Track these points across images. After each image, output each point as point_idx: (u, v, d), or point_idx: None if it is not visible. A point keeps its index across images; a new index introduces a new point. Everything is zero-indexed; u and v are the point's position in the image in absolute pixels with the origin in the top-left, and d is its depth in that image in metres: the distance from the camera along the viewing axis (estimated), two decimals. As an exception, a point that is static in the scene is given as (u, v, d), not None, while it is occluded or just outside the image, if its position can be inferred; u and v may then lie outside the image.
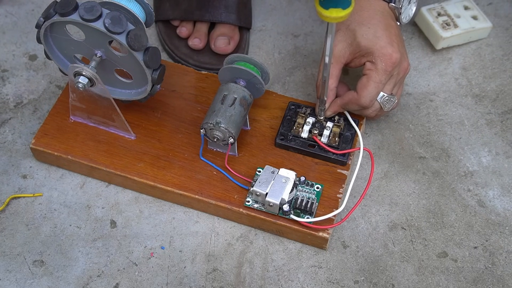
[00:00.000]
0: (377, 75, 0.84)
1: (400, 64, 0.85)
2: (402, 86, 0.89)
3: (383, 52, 0.83)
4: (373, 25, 0.84)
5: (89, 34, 0.81)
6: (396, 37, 0.85)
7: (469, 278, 0.83)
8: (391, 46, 0.83)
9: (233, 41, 0.99)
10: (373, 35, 0.84)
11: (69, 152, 0.88)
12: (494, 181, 0.90)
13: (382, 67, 0.83)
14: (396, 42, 0.84)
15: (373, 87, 0.84)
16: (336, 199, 0.85)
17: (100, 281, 0.83)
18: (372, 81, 0.84)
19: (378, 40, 0.84)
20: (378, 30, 0.84)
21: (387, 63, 0.83)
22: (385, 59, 0.83)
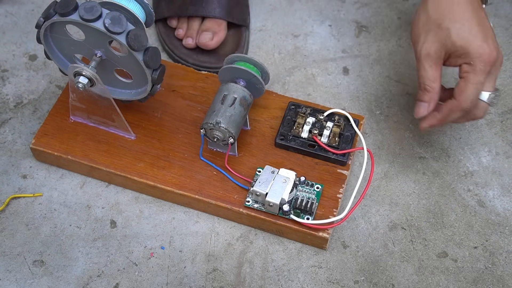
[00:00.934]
0: (476, 77, 0.80)
1: (498, 60, 0.81)
2: None
3: (480, 52, 0.79)
4: (466, 21, 0.80)
5: (89, 34, 0.81)
6: (489, 30, 0.81)
7: (469, 278, 0.83)
8: (487, 44, 0.80)
9: (216, 37, 0.98)
10: (468, 33, 0.80)
11: (69, 152, 0.88)
12: (494, 181, 0.90)
13: (481, 68, 0.80)
14: (490, 36, 0.80)
15: (473, 89, 0.80)
16: (336, 199, 0.85)
17: (100, 281, 0.83)
18: (471, 83, 0.80)
19: (474, 39, 0.80)
20: (473, 26, 0.80)
21: (485, 63, 0.80)
22: (483, 59, 0.79)
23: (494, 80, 0.83)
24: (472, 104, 0.82)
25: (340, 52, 1.02)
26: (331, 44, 1.03)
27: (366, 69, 1.01)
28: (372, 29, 1.05)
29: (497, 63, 0.81)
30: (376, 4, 1.07)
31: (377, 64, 1.01)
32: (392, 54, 1.02)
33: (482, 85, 0.81)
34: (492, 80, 0.82)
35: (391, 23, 1.05)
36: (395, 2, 1.07)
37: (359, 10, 1.07)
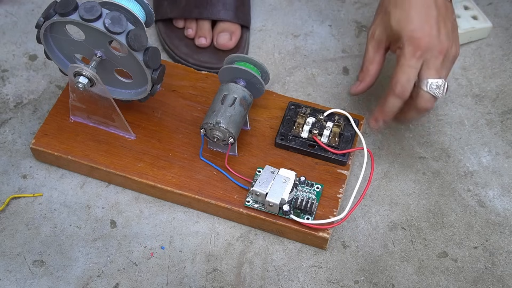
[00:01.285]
0: (405, 60, 0.80)
1: (435, 47, 0.80)
2: (449, 71, 0.83)
3: (410, 35, 0.79)
4: (408, 6, 0.80)
5: (89, 34, 0.81)
6: (435, 18, 0.80)
7: (469, 278, 0.83)
8: (422, 29, 0.79)
9: (234, 37, 0.99)
10: (405, 18, 0.80)
11: (69, 152, 0.88)
12: (494, 181, 0.90)
13: (410, 51, 0.79)
14: (433, 23, 0.80)
15: (401, 73, 0.80)
16: (336, 199, 0.85)
17: (100, 281, 0.83)
18: (399, 67, 0.80)
19: (407, 24, 0.80)
20: (412, 11, 0.80)
21: (415, 47, 0.79)
22: (412, 42, 0.79)
23: (438, 69, 0.81)
24: (404, 89, 0.81)
25: (340, 52, 1.02)
26: (331, 44, 1.03)
27: (366, 69, 1.01)
28: (372, 29, 1.05)
29: (431, 47, 0.80)
30: (376, 4, 1.07)
31: (377, 64, 1.01)
32: (392, 54, 1.02)
33: (413, 70, 0.81)
34: (432, 67, 0.81)
35: (391, 23, 1.05)
36: (395, 2, 1.07)
37: (359, 10, 1.07)
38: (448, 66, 0.83)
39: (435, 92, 0.81)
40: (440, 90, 0.81)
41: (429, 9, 0.80)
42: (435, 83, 0.81)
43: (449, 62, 0.82)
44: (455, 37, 0.82)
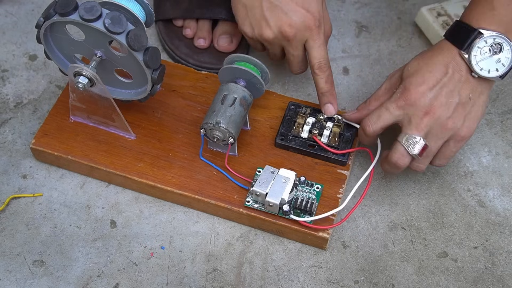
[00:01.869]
0: (387, 102, 0.81)
1: (421, 106, 0.79)
2: (439, 143, 0.81)
3: (406, 86, 0.80)
4: (425, 63, 0.80)
5: (89, 34, 0.81)
6: (440, 84, 0.79)
7: (469, 278, 0.83)
8: (418, 85, 0.79)
9: (235, 39, 0.99)
10: (414, 70, 0.80)
11: (69, 152, 0.88)
12: (494, 181, 0.90)
13: (395, 96, 0.80)
14: (433, 85, 0.79)
15: (378, 109, 0.82)
16: (336, 199, 0.85)
17: (100, 281, 0.83)
18: (381, 105, 0.82)
19: (412, 75, 0.80)
20: (424, 68, 0.80)
21: (401, 95, 0.80)
22: (402, 91, 0.80)
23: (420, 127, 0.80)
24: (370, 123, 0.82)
25: (340, 52, 1.02)
26: (331, 44, 1.03)
27: (366, 69, 1.01)
28: (372, 29, 1.05)
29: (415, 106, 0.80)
30: (376, 4, 1.07)
31: (377, 64, 1.01)
32: (392, 54, 1.02)
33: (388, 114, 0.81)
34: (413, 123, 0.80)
35: (391, 23, 1.05)
36: (395, 2, 1.07)
37: (359, 10, 1.07)
38: (439, 137, 0.80)
39: (409, 147, 0.80)
40: (416, 148, 0.80)
41: (437, 73, 0.80)
42: (412, 138, 0.80)
43: (443, 134, 0.80)
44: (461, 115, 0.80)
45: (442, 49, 0.81)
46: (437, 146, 0.81)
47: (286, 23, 0.84)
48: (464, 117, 0.80)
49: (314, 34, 0.85)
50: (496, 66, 0.80)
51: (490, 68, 0.79)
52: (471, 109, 0.81)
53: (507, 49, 0.79)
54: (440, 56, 0.80)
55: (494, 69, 0.80)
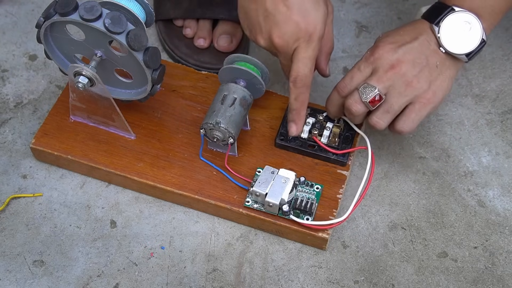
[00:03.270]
0: (359, 62, 0.83)
1: (388, 60, 0.81)
2: (401, 100, 0.81)
3: (377, 44, 0.83)
4: (396, 30, 0.83)
5: (89, 34, 0.81)
6: (407, 46, 0.81)
7: (469, 278, 0.83)
8: (386, 43, 0.82)
9: (235, 39, 0.99)
10: (387, 35, 0.83)
11: (69, 152, 0.88)
12: (494, 181, 0.90)
13: (366, 55, 0.83)
14: (399, 44, 0.81)
15: (350, 71, 0.84)
16: (335, 199, 0.85)
17: (100, 281, 0.83)
18: (353, 67, 0.84)
19: (384, 37, 0.83)
20: (395, 33, 0.83)
21: (370, 53, 0.82)
22: (372, 49, 0.82)
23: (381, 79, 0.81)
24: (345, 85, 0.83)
25: (340, 52, 1.02)
26: (331, 44, 1.03)
27: (366, 69, 1.01)
28: (372, 29, 1.05)
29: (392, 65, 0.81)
30: (376, 4, 1.07)
31: (377, 64, 1.01)
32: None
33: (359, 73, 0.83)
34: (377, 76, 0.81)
35: (391, 23, 1.05)
36: (395, 2, 1.07)
37: (359, 10, 1.07)
38: (402, 94, 0.80)
39: (363, 94, 0.80)
40: (368, 96, 0.80)
41: (406, 36, 0.82)
42: (369, 87, 0.80)
43: (405, 91, 0.80)
44: (427, 78, 0.81)
45: (416, 23, 0.83)
46: (399, 103, 0.81)
47: (276, 33, 0.81)
48: (430, 81, 0.81)
49: (301, 47, 0.82)
50: (464, 44, 0.81)
51: (457, 45, 0.81)
52: (438, 77, 0.81)
53: (476, 29, 0.80)
54: (412, 27, 0.83)
55: (461, 46, 0.81)
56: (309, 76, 0.82)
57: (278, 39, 0.81)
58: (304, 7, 0.81)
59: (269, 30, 0.82)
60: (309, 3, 0.81)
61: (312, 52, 0.82)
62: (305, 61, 0.81)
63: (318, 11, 0.81)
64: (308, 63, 0.82)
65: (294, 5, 0.80)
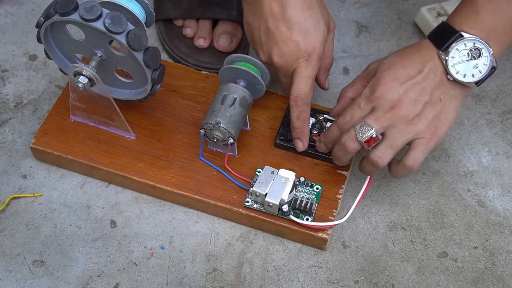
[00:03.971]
0: (358, 98, 0.80)
1: (389, 101, 0.77)
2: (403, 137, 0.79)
3: (377, 79, 0.79)
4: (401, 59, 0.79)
5: (89, 34, 0.81)
6: (412, 80, 0.78)
7: (469, 278, 0.83)
8: (389, 79, 0.78)
9: (235, 39, 0.99)
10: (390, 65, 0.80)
11: (69, 151, 0.88)
12: (494, 181, 0.90)
13: (366, 92, 0.79)
14: (405, 81, 0.78)
15: (350, 107, 0.81)
16: (335, 199, 0.85)
17: (100, 281, 0.83)
18: (353, 102, 0.81)
19: (386, 69, 0.79)
20: (399, 64, 0.79)
21: (371, 90, 0.79)
22: (374, 87, 0.79)
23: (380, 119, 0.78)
24: (345, 122, 0.81)
25: (340, 52, 1.02)
26: (331, 44, 1.03)
27: (366, 69, 1.01)
28: (372, 29, 1.05)
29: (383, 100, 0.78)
30: (376, 4, 1.07)
31: (377, 64, 1.01)
32: (392, 54, 1.02)
33: (359, 111, 0.80)
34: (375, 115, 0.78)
35: (391, 23, 1.05)
36: (395, 2, 1.07)
37: (359, 10, 1.07)
38: (402, 131, 0.78)
39: (359, 132, 0.78)
40: (364, 135, 0.78)
41: (412, 70, 0.78)
42: (366, 126, 0.78)
43: (406, 128, 0.78)
44: (429, 114, 0.78)
45: (421, 48, 0.80)
46: (402, 140, 0.79)
47: (275, 52, 0.82)
48: (432, 117, 0.79)
49: (301, 67, 0.82)
50: (473, 72, 0.78)
51: (466, 73, 0.78)
52: (441, 111, 0.79)
53: (485, 56, 0.78)
54: (418, 54, 0.79)
55: (470, 74, 0.78)
56: (309, 94, 0.83)
57: (278, 58, 0.83)
58: (305, 27, 0.82)
59: (270, 48, 0.83)
60: (310, 23, 0.82)
61: (311, 71, 0.83)
62: (305, 80, 0.82)
63: (318, 31, 0.82)
64: (308, 82, 0.83)
65: (294, 25, 0.81)
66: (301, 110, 0.84)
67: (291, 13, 0.81)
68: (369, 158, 0.80)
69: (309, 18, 0.82)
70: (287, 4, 0.81)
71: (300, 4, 0.82)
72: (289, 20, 0.81)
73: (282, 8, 0.81)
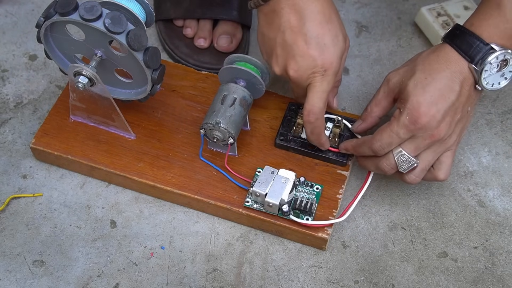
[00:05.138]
0: (396, 126, 0.77)
1: (430, 130, 0.77)
2: (435, 157, 0.80)
3: (415, 107, 0.76)
4: (433, 78, 0.77)
5: (89, 34, 0.81)
6: (448, 104, 0.77)
7: (469, 278, 0.83)
8: (427, 107, 0.76)
9: (235, 39, 0.99)
10: (423, 87, 0.77)
11: (69, 151, 0.88)
12: (494, 181, 0.91)
13: (404, 122, 0.77)
14: (440, 108, 0.76)
15: (387, 135, 0.78)
16: (335, 199, 0.85)
17: (100, 281, 0.83)
18: (390, 129, 0.78)
19: (421, 94, 0.77)
20: (433, 86, 0.76)
21: (411, 120, 0.76)
22: (412, 115, 0.76)
23: (419, 148, 0.79)
24: (381, 149, 0.80)
25: (340, 52, 1.02)
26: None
27: (366, 69, 1.01)
28: (372, 29, 1.05)
29: (423, 129, 0.77)
30: (376, 4, 1.07)
31: (377, 64, 1.01)
32: (392, 54, 1.02)
33: (398, 139, 0.78)
34: (415, 144, 0.78)
35: (391, 23, 1.05)
36: (395, 2, 1.07)
37: (359, 10, 1.07)
38: (435, 151, 0.80)
39: (401, 164, 0.80)
40: (406, 167, 0.79)
41: (448, 92, 0.77)
42: (407, 157, 0.79)
43: (438, 148, 0.80)
44: (458, 128, 0.80)
45: (450, 61, 0.78)
46: (434, 159, 0.81)
47: (291, 66, 0.81)
48: (460, 130, 0.80)
49: (317, 81, 0.81)
50: (499, 80, 0.79)
51: (494, 82, 0.79)
52: (466, 121, 0.81)
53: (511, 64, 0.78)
54: (448, 70, 0.77)
55: (497, 83, 0.79)
56: (323, 109, 0.82)
57: (293, 72, 0.81)
58: (322, 42, 0.80)
59: (285, 61, 0.81)
60: (328, 38, 0.80)
61: (327, 86, 0.81)
62: (319, 95, 0.81)
63: (336, 46, 0.81)
64: (323, 97, 0.82)
65: (312, 39, 0.80)
66: (314, 126, 0.83)
67: (309, 26, 0.80)
68: (403, 178, 0.81)
69: (327, 32, 0.80)
70: (306, 17, 0.80)
71: (319, 18, 0.80)
72: (307, 34, 0.80)
73: (300, 21, 0.80)
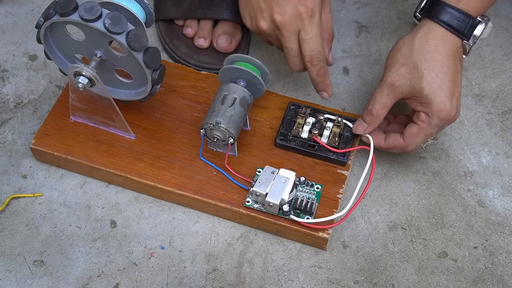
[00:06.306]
0: (429, 129, 0.82)
1: (452, 119, 0.83)
2: None
3: (442, 108, 0.81)
4: (442, 73, 0.81)
5: (89, 34, 0.81)
6: (458, 88, 0.82)
7: (469, 278, 0.84)
8: (450, 102, 0.81)
9: (234, 40, 0.99)
10: (439, 85, 0.81)
11: (69, 152, 0.88)
12: (494, 181, 0.91)
13: (436, 123, 0.82)
14: (456, 95, 0.82)
15: (422, 138, 0.83)
16: (336, 199, 0.85)
17: (100, 281, 0.83)
18: (423, 133, 0.83)
19: (441, 94, 0.81)
20: (445, 81, 0.81)
21: (442, 120, 0.82)
22: (441, 115, 0.81)
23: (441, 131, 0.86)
24: (415, 149, 0.85)
25: (340, 52, 1.02)
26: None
27: (366, 69, 1.01)
28: (372, 29, 1.05)
29: (451, 120, 0.83)
30: (376, 4, 1.07)
31: (377, 64, 1.01)
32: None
33: (431, 136, 0.84)
34: (440, 131, 0.85)
35: (391, 23, 1.05)
36: (395, 2, 1.07)
37: (359, 10, 1.07)
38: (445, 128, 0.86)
39: (428, 149, 0.86)
40: (431, 148, 0.88)
41: (457, 77, 0.82)
42: (432, 144, 0.85)
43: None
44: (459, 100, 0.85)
45: (447, 44, 0.82)
46: None
47: (277, 11, 0.84)
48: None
49: (306, 25, 0.84)
50: None
51: None
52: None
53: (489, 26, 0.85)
54: (450, 57, 0.82)
55: None
56: (323, 51, 0.87)
57: (280, 16, 0.84)
58: None
59: (270, 9, 0.84)
60: None
61: (317, 29, 0.85)
62: (314, 39, 0.85)
63: None
64: (318, 40, 0.85)
65: None
66: (319, 68, 0.87)
67: None
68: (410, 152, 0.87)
69: None
70: None
71: None
72: None
73: None
